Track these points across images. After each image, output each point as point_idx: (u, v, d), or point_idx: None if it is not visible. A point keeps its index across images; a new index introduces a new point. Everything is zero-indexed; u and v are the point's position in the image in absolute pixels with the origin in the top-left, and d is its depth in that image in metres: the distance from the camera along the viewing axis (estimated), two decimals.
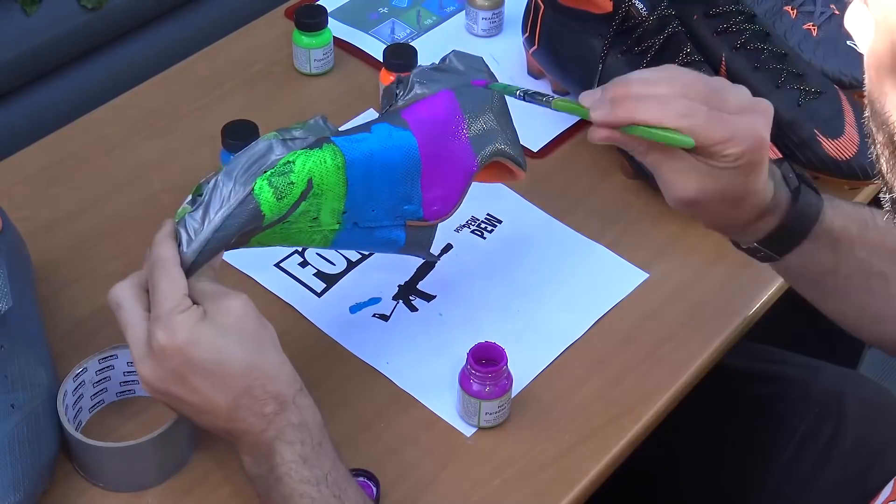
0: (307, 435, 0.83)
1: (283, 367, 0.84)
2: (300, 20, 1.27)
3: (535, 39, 1.25)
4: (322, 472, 0.82)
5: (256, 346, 0.83)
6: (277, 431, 0.82)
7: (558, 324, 1.05)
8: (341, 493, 0.82)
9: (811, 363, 1.22)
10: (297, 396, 0.84)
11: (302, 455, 0.82)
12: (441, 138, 0.94)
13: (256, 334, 0.83)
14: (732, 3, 1.19)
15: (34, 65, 1.25)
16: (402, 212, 0.93)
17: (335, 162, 0.87)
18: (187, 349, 0.80)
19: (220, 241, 0.84)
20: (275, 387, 0.82)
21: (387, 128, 0.92)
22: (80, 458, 0.92)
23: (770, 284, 1.09)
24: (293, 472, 0.82)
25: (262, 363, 0.83)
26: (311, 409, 0.84)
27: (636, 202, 1.17)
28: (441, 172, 0.94)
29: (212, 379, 0.81)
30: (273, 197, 0.84)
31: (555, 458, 0.95)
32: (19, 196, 1.14)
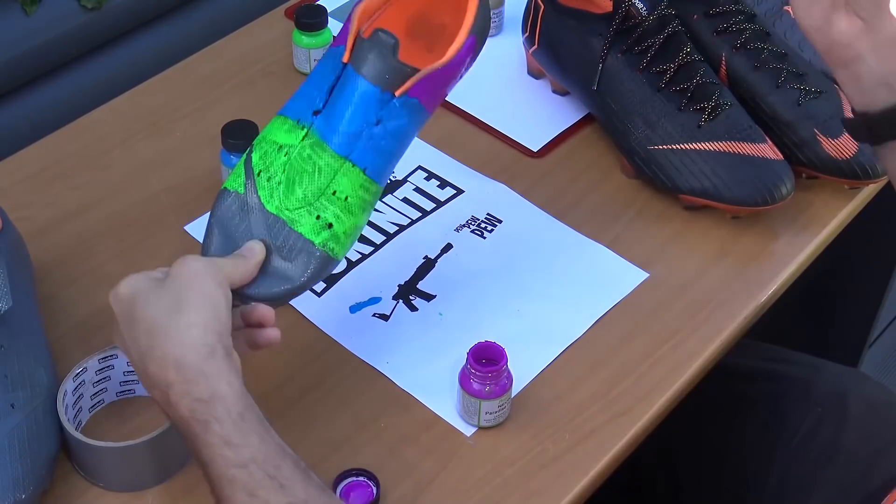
0: (222, 410, 0.76)
1: (188, 330, 0.78)
2: (300, 20, 1.27)
3: (535, 39, 1.25)
4: (249, 452, 0.76)
5: (171, 303, 0.79)
6: (189, 410, 0.77)
7: (558, 324, 1.05)
8: (276, 471, 0.76)
9: (813, 362, 1.22)
10: (204, 363, 0.77)
11: (222, 436, 0.76)
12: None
13: (181, 294, 0.79)
14: (732, 3, 1.19)
15: (34, 65, 1.24)
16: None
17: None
18: (121, 298, 0.81)
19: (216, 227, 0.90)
20: (173, 350, 0.77)
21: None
22: (80, 458, 0.92)
23: (770, 284, 1.09)
24: (218, 457, 0.76)
25: (165, 322, 0.78)
26: (223, 376, 0.77)
27: (636, 202, 1.17)
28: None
29: (127, 329, 0.80)
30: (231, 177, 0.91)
31: (555, 457, 0.95)
32: (19, 196, 1.14)
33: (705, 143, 1.12)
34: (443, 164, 1.19)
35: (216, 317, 0.80)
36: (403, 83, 0.89)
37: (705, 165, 1.11)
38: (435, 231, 1.13)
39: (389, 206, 1.15)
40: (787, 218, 1.15)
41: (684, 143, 1.13)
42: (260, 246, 0.88)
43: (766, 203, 1.10)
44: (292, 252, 0.89)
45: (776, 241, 1.13)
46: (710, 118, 1.12)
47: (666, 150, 1.13)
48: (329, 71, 0.91)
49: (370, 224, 1.12)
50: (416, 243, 1.11)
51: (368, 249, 1.10)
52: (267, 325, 0.87)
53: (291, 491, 0.76)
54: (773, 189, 1.10)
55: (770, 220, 1.14)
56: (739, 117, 1.13)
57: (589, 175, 1.20)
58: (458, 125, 1.24)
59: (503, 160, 1.20)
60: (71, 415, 0.92)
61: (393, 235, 1.12)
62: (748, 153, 1.11)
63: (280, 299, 0.90)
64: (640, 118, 1.14)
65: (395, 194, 1.16)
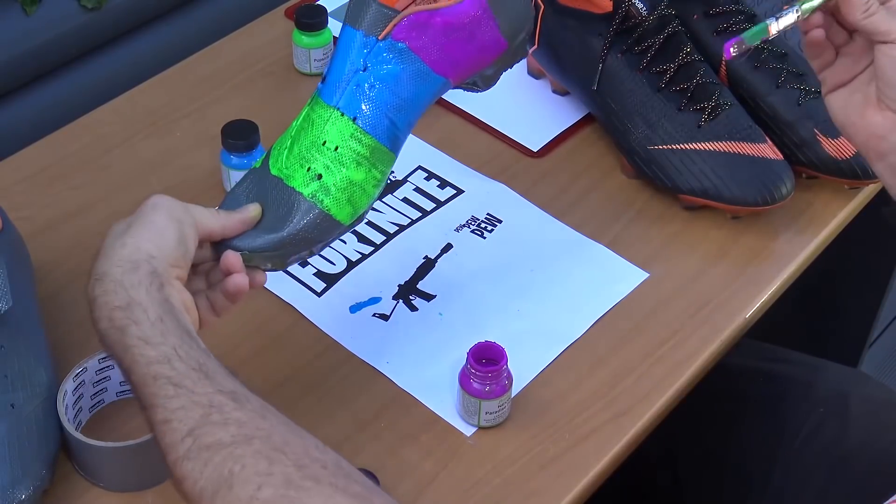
0: (140, 313, 0.76)
1: (123, 249, 0.79)
2: (300, 20, 1.27)
3: (535, 39, 1.25)
4: (169, 347, 0.74)
5: (120, 231, 0.81)
6: (108, 320, 0.76)
7: (558, 323, 1.05)
8: (201, 365, 0.74)
9: (813, 362, 1.22)
10: (126, 276, 0.77)
11: (140, 336, 0.75)
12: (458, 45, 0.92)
13: (131, 221, 0.81)
14: (732, 3, 1.19)
15: (34, 65, 1.24)
16: None
17: None
18: None
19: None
20: (100, 265, 0.78)
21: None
22: (80, 458, 0.92)
23: (770, 284, 1.09)
24: (139, 357, 0.74)
25: (106, 244, 0.80)
26: (142, 285, 0.77)
27: (636, 202, 1.17)
28: None
29: None
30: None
31: (555, 457, 0.95)
32: (19, 196, 1.14)
33: (705, 143, 1.12)
34: (443, 164, 1.19)
35: (152, 242, 0.80)
36: (387, 26, 0.89)
37: (705, 165, 1.11)
38: (435, 231, 1.13)
39: (389, 206, 1.15)
40: (787, 218, 1.15)
41: (684, 143, 1.13)
42: (255, 206, 0.88)
43: (766, 203, 1.10)
44: (284, 206, 0.88)
45: (776, 241, 1.13)
46: (710, 118, 1.12)
47: (666, 150, 1.13)
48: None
49: (370, 224, 1.12)
50: (416, 243, 1.11)
51: (368, 249, 1.11)
52: (232, 269, 0.86)
53: (218, 381, 0.74)
54: (773, 189, 1.10)
55: (770, 220, 1.14)
56: (739, 117, 1.13)
57: (589, 175, 1.20)
58: (458, 125, 1.24)
59: (503, 160, 1.20)
60: (71, 415, 0.92)
61: (393, 235, 1.12)
62: (748, 153, 1.11)
63: (265, 251, 0.88)
64: (640, 118, 1.14)
65: (395, 194, 1.16)
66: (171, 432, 0.72)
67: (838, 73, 0.93)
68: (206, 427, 0.71)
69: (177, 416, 0.72)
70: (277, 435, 0.72)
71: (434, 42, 0.90)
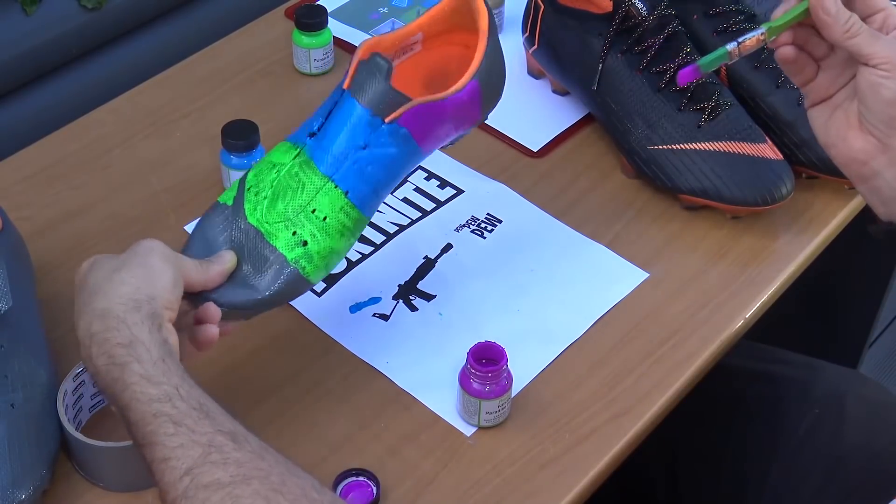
0: (143, 351, 0.76)
1: (123, 287, 0.79)
2: (300, 20, 1.27)
3: (535, 39, 1.25)
4: (171, 387, 0.75)
5: (114, 268, 0.81)
6: (109, 357, 0.76)
7: (558, 324, 1.05)
8: (201, 405, 0.75)
9: (812, 363, 1.22)
10: (129, 314, 0.77)
11: (142, 374, 0.75)
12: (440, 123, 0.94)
13: (125, 260, 0.82)
14: (732, 3, 1.20)
15: (34, 65, 1.24)
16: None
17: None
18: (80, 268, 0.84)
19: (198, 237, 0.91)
20: (100, 303, 0.78)
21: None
22: (80, 458, 0.92)
23: (770, 284, 1.09)
24: (139, 395, 0.75)
25: (105, 282, 0.80)
26: (145, 325, 0.78)
27: (636, 202, 1.17)
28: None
29: (77, 300, 0.82)
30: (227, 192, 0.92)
31: (554, 457, 0.95)
32: (19, 196, 1.14)
33: (705, 143, 1.12)
34: (443, 164, 1.19)
35: (152, 284, 0.81)
36: (394, 110, 0.90)
37: (705, 165, 1.11)
38: (435, 231, 1.13)
39: (389, 206, 1.15)
40: (787, 218, 1.15)
41: (684, 143, 1.13)
42: (231, 255, 0.89)
43: (766, 203, 1.10)
44: (264, 264, 0.89)
45: (776, 241, 1.13)
46: (710, 118, 1.12)
47: (666, 150, 1.13)
48: (332, 98, 0.92)
49: (370, 224, 1.12)
50: (416, 243, 1.11)
51: (368, 249, 1.11)
52: (209, 321, 0.86)
53: (218, 421, 0.75)
54: (773, 189, 1.10)
55: (770, 220, 1.14)
56: (739, 117, 1.13)
57: (589, 175, 1.20)
58: None
59: (503, 160, 1.20)
60: (71, 415, 0.92)
61: (393, 235, 1.12)
62: (748, 153, 1.11)
63: (243, 309, 0.89)
64: (640, 118, 1.15)
65: (396, 194, 1.16)
66: (170, 471, 0.73)
67: (820, 87, 0.91)
68: (204, 466, 0.72)
69: (176, 454, 0.73)
70: (276, 475, 0.72)
71: (429, 126, 0.93)
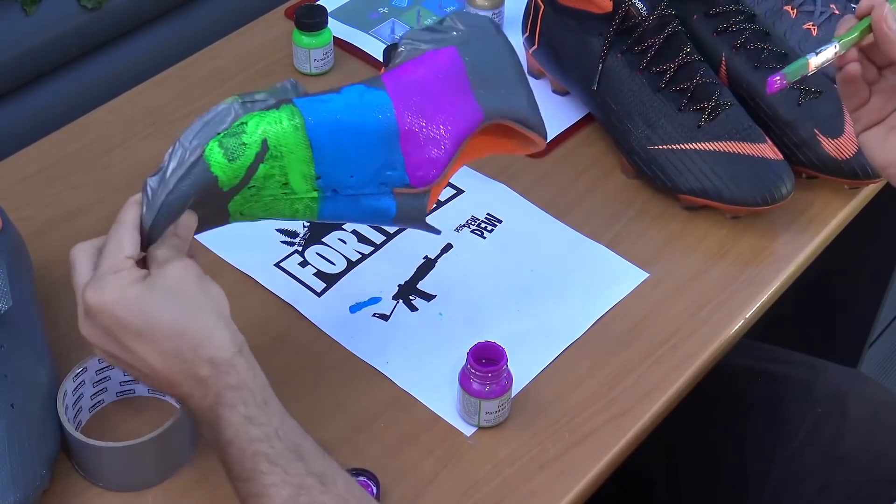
0: (249, 395, 0.81)
1: (217, 332, 0.82)
2: (300, 20, 1.27)
3: (535, 39, 1.25)
4: (271, 429, 0.80)
5: (188, 310, 0.81)
6: (216, 396, 0.80)
7: (558, 324, 1.05)
8: (296, 446, 0.81)
9: (813, 363, 1.22)
10: (235, 359, 0.81)
11: (246, 416, 0.80)
12: (428, 99, 0.90)
13: (191, 298, 0.82)
14: (732, 3, 1.19)
15: (34, 65, 1.24)
16: (385, 178, 0.90)
17: (292, 122, 0.85)
18: (113, 308, 0.80)
19: (176, 204, 0.83)
20: (207, 351, 0.81)
21: (359, 89, 0.89)
22: (80, 458, 0.92)
23: (770, 284, 1.09)
24: (241, 434, 0.80)
25: (193, 326, 0.81)
26: (250, 370, 0.82)
27: (636, 202, 1.17)
28: (426, 135, 0.90)
29: (142, 340, 0.81)
30: (224, 158, 0.83)
31: (555, 457, 0.95)
32: (19, 196, 1.14)
33: (705, 143, 1.12)
34: None
35: (227, 313, 0.84)
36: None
37: (705, 165, 1.11)
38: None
39: None
40: (787, 218, 1.15)
41: (684, 143, 1.13)
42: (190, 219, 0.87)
43: (765, 203, 1.10)
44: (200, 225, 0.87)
45: (776, 241, 1.13)
46: (710, 118, 1.12)
47: (666, 150, 1.13)
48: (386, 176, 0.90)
49: (370, 224, 1.12)
50: (416, 243, 1.11)
51: (368, 249, 1.10)
52: None
53: (310, 463, 0.80)
54: (773, 189, 1.10)
55: (770, 220, 1.14)
56: (739, 117, 1.13)
57: (589, 175, 1.20)
58: None
59: (503, 160, 1.20)
60: (71, 415, 0.92)
61: (393, 235, 1.12)
62: (748, 153, 1.11)
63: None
64: (640, 118, 1.14)
65: None
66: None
67: (873, 111, 0.92)
68: None
69: (269, 492, 0.79)
70: None
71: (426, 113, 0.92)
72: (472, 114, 0.90)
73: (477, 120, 0.90)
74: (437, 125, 0.90)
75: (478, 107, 0.90)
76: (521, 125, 0.92)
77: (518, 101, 0.92)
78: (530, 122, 0.92)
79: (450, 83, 0.90)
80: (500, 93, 0.91)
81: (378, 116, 0.88)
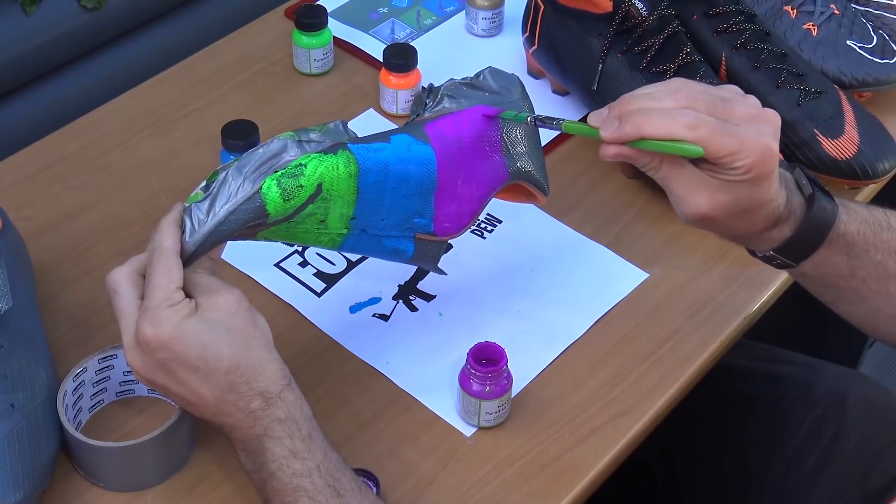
0: (295, 429, 0.83)
1: (269, 365, 0.84)
2: (300, 20, 1.27)
3: (535, 39, 1.25)
4: (313, 463, 0.83)
5: (243, 344, 0.83)
6: (264, 428, 0.83)
7: (558, 324, 1.05)
8: (335, 481, 0.83)
9: (813, 363, 1.22)
10: (284, 392, 0.84)
11: (291, 449, 0.83)
12: (463, 156, 0.94)
13: (244, 331, 0.83)
14: (732, 3, 1.19)
15: (34, 65, 1.24)
16: (412, 224, 0.93)
17: (348, 169, 0.87)
18: (172, 344, 0.81)
19: (223, 234, 0.84)
20: (259, 384, 0.83)
21: (407, 140, 0.91)
22: (80, 458, 0.92)
23: (770, 284, 1.09)
24: (284, 468, 0.82)
25: (248, 360, 0.83)
26: (297, 403, 0.85)
27: (636, 202, 1.17)
28: (457, 191, 0.94)
29: (197, 373, 0.82)
30: (280, 198, 0.84)
31: (555, 457, 0.95)
32: (19, 196, 1.14)
33: None
34: None
35: (273, 345, 0.86)
36: None
37: None
38: None
39: None
40: None
41: None
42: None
43: None
44: None
45: None
46: None
47: None
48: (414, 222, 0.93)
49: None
50: None
51: None
52: None
53: (347, 499, 0.83)
54: None
55: None
56: None
57: (589, 175, 1.20)
58: None
59: None
60: (71, 415, 0.92)
61: None
62: None
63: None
64: None
65: None
66: None
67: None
68: None
69: None
70: None
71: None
72: (500, 174, 0.96)
73: (503, 180, 0.96)
74: (470, 184, 0.95)
75: (506, 169, 0.96)
76: (534, 186, 0.99)
77: (537, 163, 0.98)
78: (543, 184, 1.00)
79: (485, 144, 0.95)
80: (524, 155, 0.97)
81: (422, 170, 0.91)
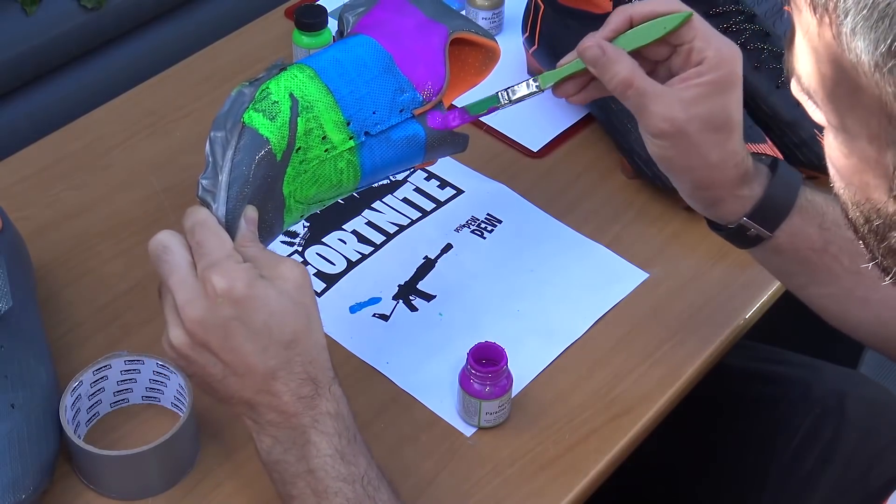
0: (343, 427, 0.80)
1: (323, 352, 0.80)
2: (300, 20, 1.27)
3: (535, 39, 1.25)
4: (359, 471, 0.80)
5: (306, 322, 0.79)
6: (313, 419, 0.79)
7: (558, 324, 1.05)
8: (375, 492, 0.80)
9: (812, 363, 1.22)
10: (333, 386, 0.80)
11: (339, 449, 0.79)
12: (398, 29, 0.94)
13: (308, 309, 0.80)
14: (732, 3, 1.19)
15: (34, 65, 1.25)
16: (400, 103, 0.91)
17: (305, 73, 0.87)
18: (243, 301, 0.76)
19: (240, 183, 0.83)
20: (313, 369, 0.79)
21: (337, 42, 0.93)
22: (87, 469, 0.91)
23: (770, 284, 1.09)
24: (329, 467, 0.79)
25: (308, 340, 0.79)
26: (344, 400, 0.81)
27: (636, 202, 1.17)
28: (415, 54, 0.93)
29: (256, 340, 0.77)
30: (265, 118, 0.84)
31: (555, 457, 0.95)
32: (19, 196, 1.14)
33: None
34: (443, 164, 1.19)
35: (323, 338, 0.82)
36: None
37: None
38: (435, 231, 1.13)
39: (389, 207, 1.15)
40: None
41: None
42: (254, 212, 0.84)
43: None
44: (266, 230, 0.86)
45: None
46: None
47: None
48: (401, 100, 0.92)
49: (370, 224, 1.12)
50: (416, 243, 1.11)
51: (368, 249, 1.11)
52: None
53: None
54: None
55: None
56: None
57: (589, 175, 1.20)
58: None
59: (503, 160, 1.20)
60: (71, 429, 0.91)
61: (393, 235, 1.12)
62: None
63: None
64: None
65: (395, 194, 1.16)
66: None
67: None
68: None
69: None
70: None
71: None
72: (438, 30, 0.95)
73: (445, 32, 0.95)
74: (417, 43, 0.94)
75: (439, 24, 0.95)
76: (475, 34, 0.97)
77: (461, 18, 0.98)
78: (479, 30, 0.97)
79: (408, 17, 0.95)
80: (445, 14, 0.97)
81: (369, 50, 0.91)
